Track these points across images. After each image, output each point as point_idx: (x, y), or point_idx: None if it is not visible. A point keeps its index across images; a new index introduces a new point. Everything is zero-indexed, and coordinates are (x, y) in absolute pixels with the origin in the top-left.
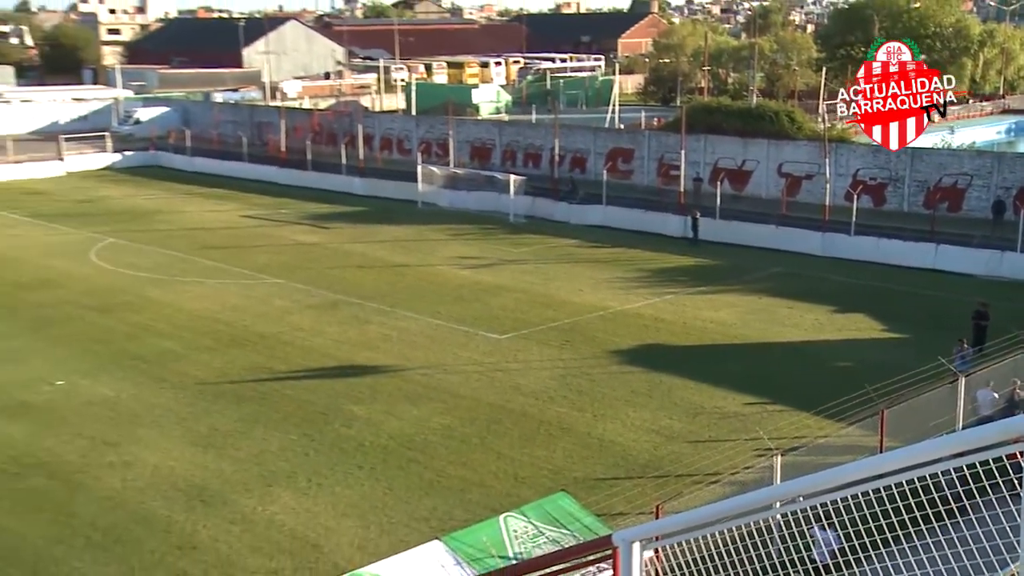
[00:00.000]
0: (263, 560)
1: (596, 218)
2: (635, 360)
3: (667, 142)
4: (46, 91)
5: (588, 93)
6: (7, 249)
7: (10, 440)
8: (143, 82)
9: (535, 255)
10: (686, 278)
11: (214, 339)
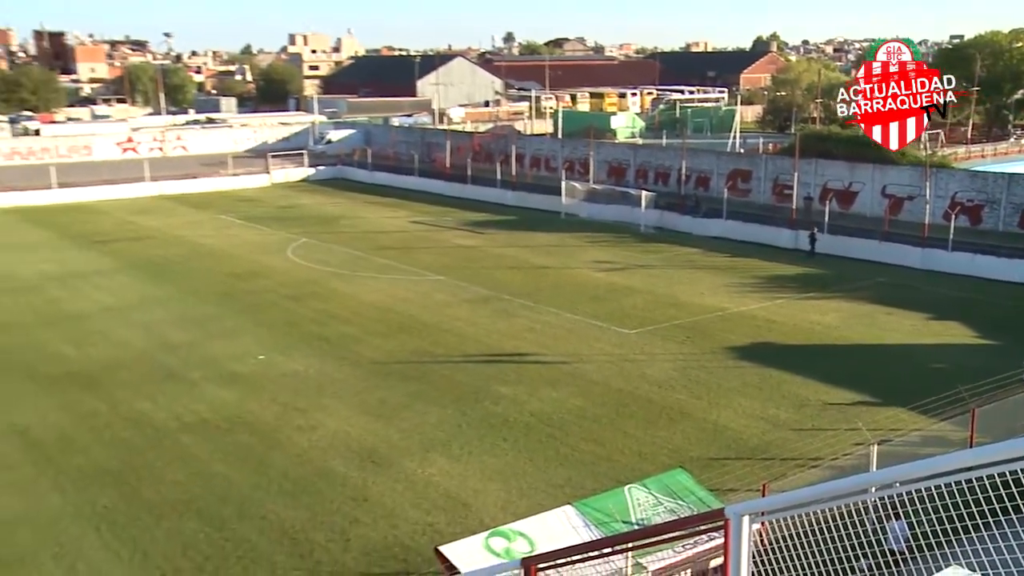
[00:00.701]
0: (421, 514)
1: (717, 230)
2: (748, 356)
3: (781, 165)
4: (259, 117)
5: (713, 121)
6: (225, 246)
7: (223, 402)
8: (335, 109)
9: (662, 261)
10: (795, 285)
11: (385, 326)
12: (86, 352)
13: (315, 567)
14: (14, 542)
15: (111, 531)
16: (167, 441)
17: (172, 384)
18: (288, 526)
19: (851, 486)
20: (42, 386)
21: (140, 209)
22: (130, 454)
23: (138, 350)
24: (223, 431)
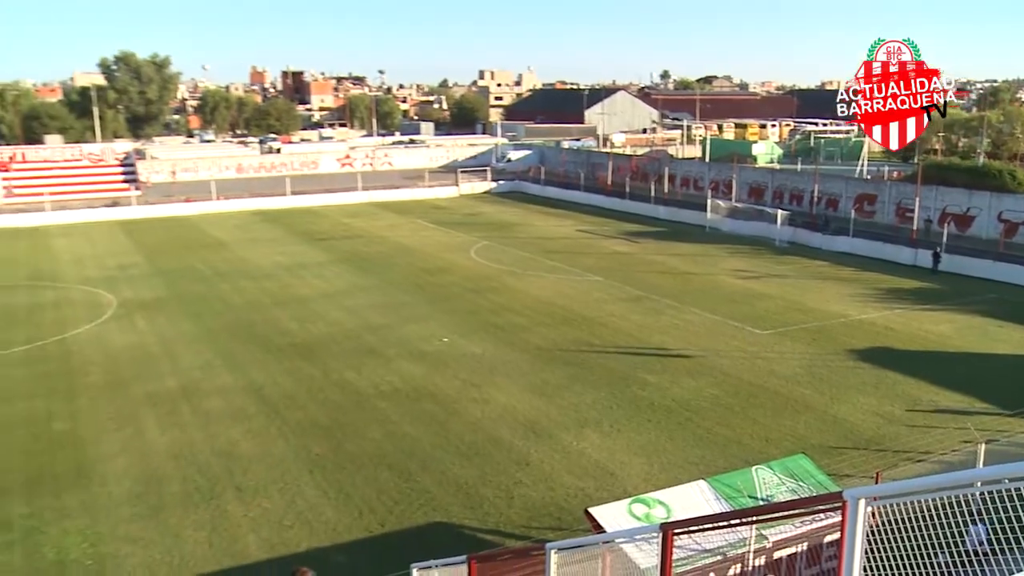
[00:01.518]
0: (574, 479)
1: (844, 247)
2: (867, 358)
3: (904, 190)
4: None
5: (843, 150)
6: (418, 245)
7: (412, 375)
8: (515, 133)
9: (793, 272)
10: (913, 297)
11: (550, 318)
12: (307, 328)
13: (483, 517)
14: (252, 475)
15: (321, 474)
16: (367, 404)
17: (372, 358)
18: (462, 481)
19: (962, 479)
20: (273, 354)
21: (352, 213)
22: (338, 413)
23: (347, 329)
24: (412, 399)
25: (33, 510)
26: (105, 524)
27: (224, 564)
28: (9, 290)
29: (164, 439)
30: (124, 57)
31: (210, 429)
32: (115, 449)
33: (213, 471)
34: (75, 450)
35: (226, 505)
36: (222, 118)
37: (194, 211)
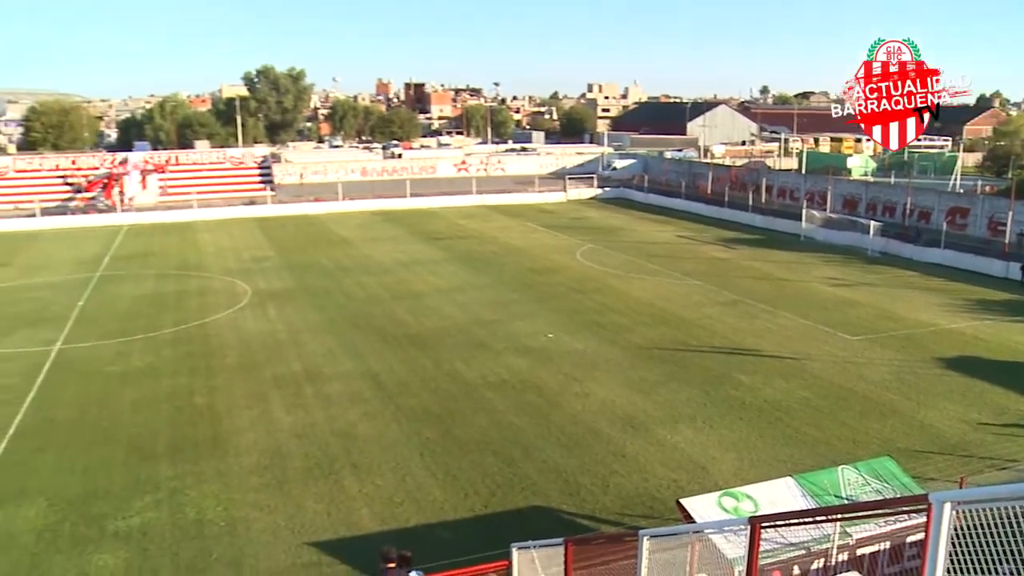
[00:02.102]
0: (667, 471)
1: (935, 258)
2: (955, 366)
3: (997, 204)
4: (560, 147)
5: (936, 165)
6: (527, 246)
7: (519, 368)
8: (620, 143)
9: (885, 281)
10: (1003, 309)
11: (650, 318)
12: (421, 321)
13: (580, 504)
14: (367, 454)
15: (431, 457)
16: (475, 394)
17: (481, 351)
18: (561, 469)
19: None
20: (390, 344)
21: (466, 215)
22: (447, 401)
23: (458, 323)
24: (517, 390)
25: (176, 473)
26: (236, 491)
27: (340, 533)
28: (162, 278)
29: (289, 418)
30: (264, 70)
31: (331, 411)
32: (246, 424)
33: (332, 449)
34: (212, 423)
35: (343, 480)
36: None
37: (322, 210)
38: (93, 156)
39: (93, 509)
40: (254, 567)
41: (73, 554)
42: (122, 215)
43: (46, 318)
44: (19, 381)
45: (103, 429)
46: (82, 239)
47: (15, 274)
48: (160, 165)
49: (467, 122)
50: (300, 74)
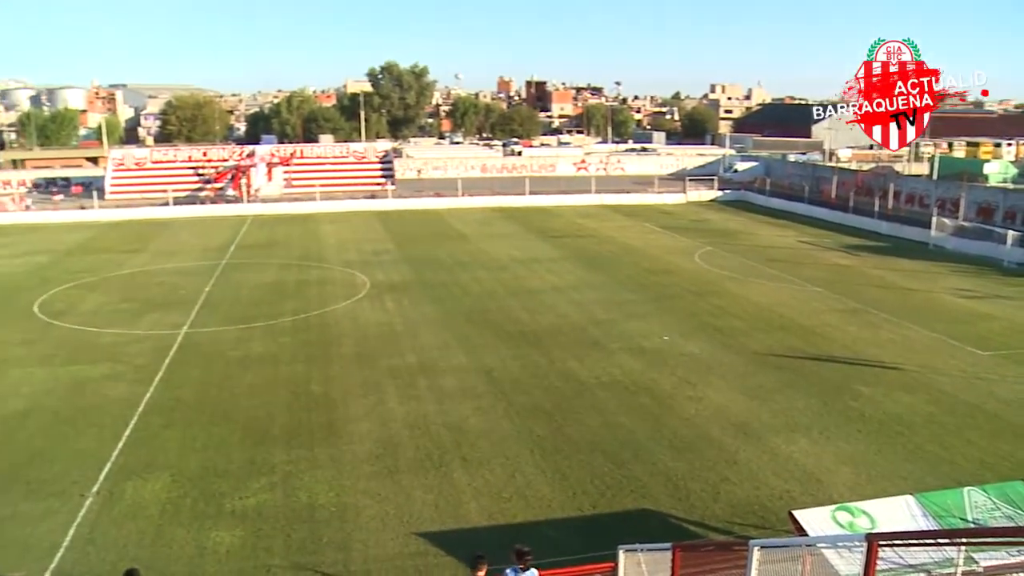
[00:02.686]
0: (780, 482)
1: None
2: None
3: None
4: (681, 148)
5: None
6: (644, 247)
7: (632, 369)
8: (742, 145)
9: (1021, 294)
10: None
11: (768, 324)
12: (536, 319)
13: (689, 509)
14: (477, 449)
15: (541, 454)
16: (587, 393)
17: (595, 350)
18: (671, 473)
19: None
20: (504, 340)
21: (584, 214)
22: (559, 399)
23: (573, 321)
24: (630, 392)
25: (291, 458)
26: (348, 477)
27: (447, 525)
28: (284, 268)
29: (402, 409)
30: (388, 67)
31: (443, 404)
32: (360, 413)
33: (443, 442)
34: (327, 411)
35: (453, 473)
36: (470, 122)
37: (441, 205)
38: (223, 148)
39: (212, 487)
40: (362, 553)
41: (192, 528)
42: (248, 205)
43: (175, 302)
44: (149, 361)
45: (223, 411)
46: (210, 228)
47: (148, 260)
48: (286, 158)
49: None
50: (423, 71)
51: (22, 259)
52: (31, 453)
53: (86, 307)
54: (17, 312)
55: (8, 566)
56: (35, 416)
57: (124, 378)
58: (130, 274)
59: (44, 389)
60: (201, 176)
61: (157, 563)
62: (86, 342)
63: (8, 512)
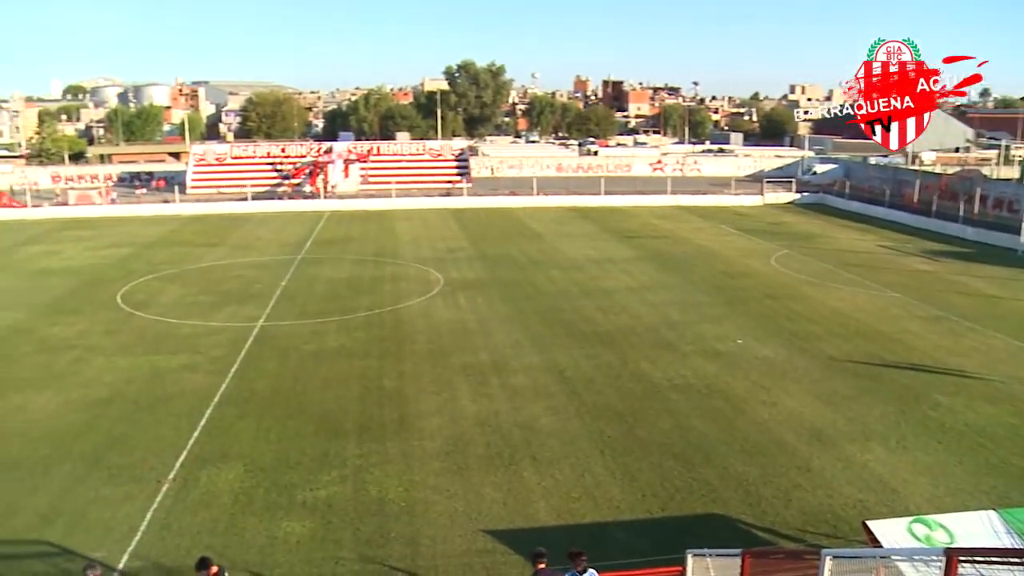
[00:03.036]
0: (854, 491)
1: None
2: None
3: None
4: (759, 150)
5: None
6: (720, 249)
7: (705, 372)
8: (821, 147)
9: None
10: None
11: (845, 329)
12: (610, 319)
13: (760, 515)
14: (548, 448)
15: (611, 455)
16: (659, 395)
17: (668, 352)
18: (743, 478)
19: None
20: (577, 340)
21: (659, 215)
22: (631, 400)
23: (646, 322)
24: (702, 395)
25: (362, 452)
26: (418, 473)
27: (516, 523)
28: (359, 264)
29: (474, 406)
30: (465, 65)
31: (514, 402)
32: (432, 409)
33: (514, 440)
34: (399, 406)
35: (522, 472)
36: (546, 121)
37: (516, 204)
38: (301, 145)
39: (284, 478)
40: (430, 548)
41: (264, 517)
42: (325, 201)
43: (251, 296)
44: (225, 353)
45: (297, 403)
46: (287, 223)
47: (226, 253)
48: (362, 155)
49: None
50: (500, 69)
51: (107, 251)
52: (112, 439)
53: (166, 299)
54: (101, 302)
55: (90, 546)
56: (117, 403)
57: (201, 369)
58: (209, 267)
59: (125, 378)
60: (279, 172)
61: (229, 551)
62: (165, 333)
63: (91, 495)
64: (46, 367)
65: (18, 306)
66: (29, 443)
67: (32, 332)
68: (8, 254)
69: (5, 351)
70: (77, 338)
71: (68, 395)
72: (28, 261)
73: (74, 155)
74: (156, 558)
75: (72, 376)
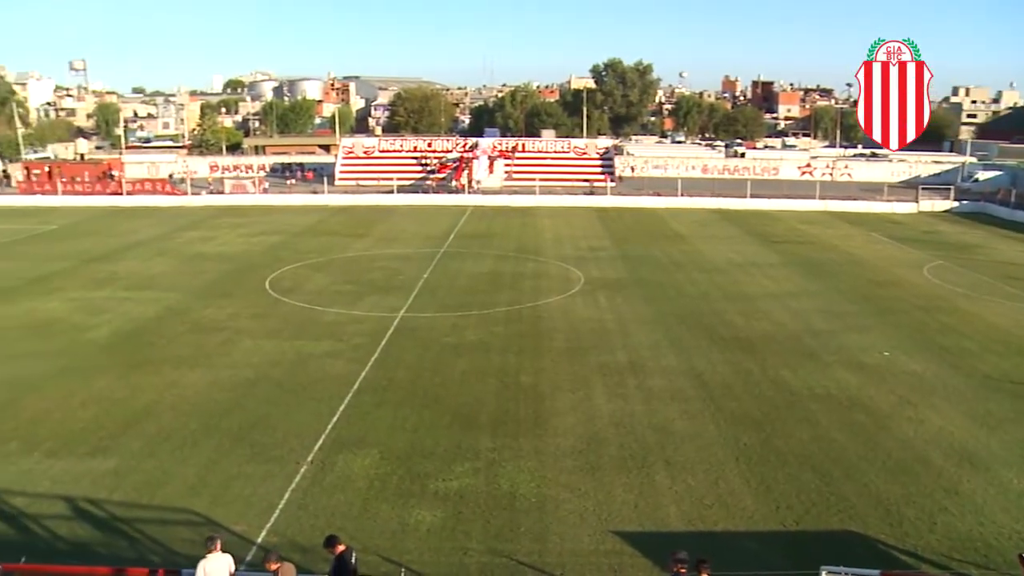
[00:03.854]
0: (1009, 520)
1: None
2: None
3: None
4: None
5: None
6: (869, 257)
7: (847, 384)
8: (985, 152)
9: None
10: None
11: (1004, 346)
12: (751, 324)
13: (902, 537)
14: (681, 452)
15: (746, 463)
16: (798, 405)
17: (809, 361)
18: (884, 497)
19: None
20: (716, 344)
21: (806, 220)
22: (769, 408)
23: (788, 330)
24: (844, 407)
25: (496, 445)
26: (550, 470)
27: (645, 527)
28: (500, 259)
29: (609, 406)
30: (612, 64)
31: (650, 404)
32: (567, 407)
33: (647, 442)
34: (534, 402)
35: (655, 475)
36: (693, 122)
37: (659, 204)
38: (447, 140)
39: (417, 467)
40: (558, 546)
41: (397, 504)
42: (469, 196)
43: (394, 287)
44: (366, 341)
45: (434, 394)
46: (431, 216)
47: (371, 244)
48: (507, 151)
49: (815, 123)
50: (647, 68)
51: (258, 238)
52: (256, 419)
53: (311, 286)
54: (251, 288)
55: (231, 519)
56: (262, 385)
57: (342, 356)
58: (354, 257)
59: (271, 360)
60: (425, 166)
61: (361, 534)
62: (310, 319)
63: (235, 471)
64: (198, 347)
65: (176, 288)
66: (180, 417)
67: (187, 313)
68: (168, 239)
69: (163, 330)
70: (227, 320)
71: (217, 374)
72: (185, 246)
73: (231, 146)
74: (292, 536)
75: (221, 356)
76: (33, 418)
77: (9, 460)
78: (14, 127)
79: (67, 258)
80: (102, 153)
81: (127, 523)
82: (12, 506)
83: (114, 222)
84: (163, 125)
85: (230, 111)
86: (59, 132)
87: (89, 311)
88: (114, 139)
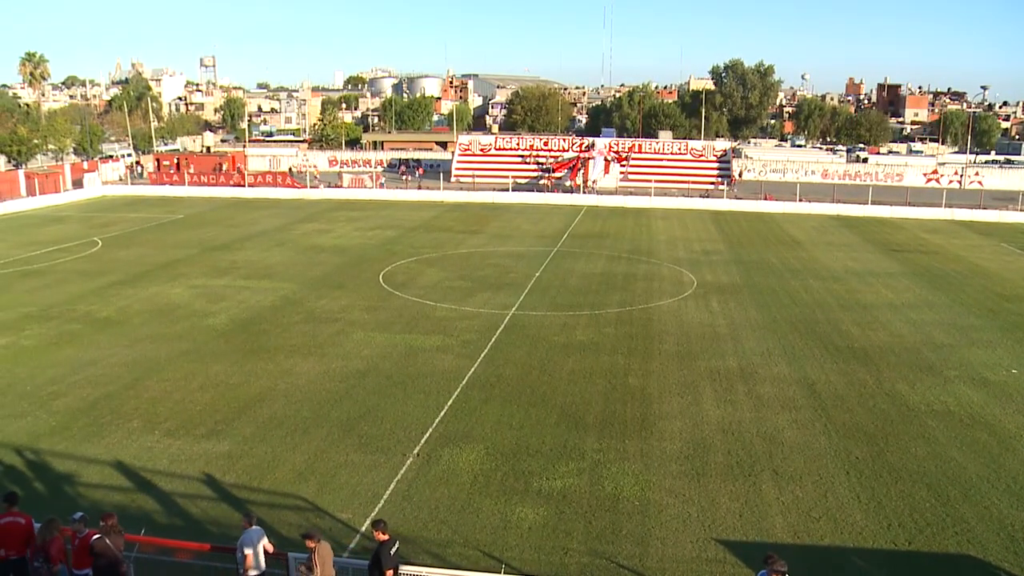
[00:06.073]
0: None
1: None
2: None
3: None
4: None
5: None
6: (998, 270)
7: (969, 400)
8: None
9: None
10: None
11: None
12: (867, 334)
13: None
14: (790, 462)
15: (857, 478)
16: (915, 420)
17: (928, 375)
18: (1007, 521)
19: None
20: (830, 353)
21: (930, 229)
22: (884, 422)
23: (907, 342)
24: (964, 424)
25: (601, 447)
26: (655, 474)
27: (749, 537)
28: (612, 260)
29: (717, 412)
30: (733, 65)
31: (759, 412)
32: (674, 411)
33: (755, 451)
34: (642, 404)
35: (761, 484)
36: (814, 125)
37: (776, 209)
38: (563, 139)
39: (522, 464)
40: (659, 551)
41: (500, 501)
42: (583, 196)
43: (506, 284)
44: (477, 337)
45: (541, 393)
46: (545, 215)
47: (484, 241)
48: (622, 153)
49: (943, 128)
50: (768, 70)
51: (373, 232)
52: (365, 409)
53: (424, 281)
54: (365, 280)
55: (337, 506)
56: (371, 376)
57: (452, 351)
58: (467, 253)
59: (381, 353)
60: (540, 165)
61: (463, 528)
62: (421, 313)
63: (343, 460)
64: (312, 336)
65: (292, 278)
66: (292, 404)
67: (302, 303)
68: (287, 231)
69: (279, 319)
70: (340, 312)
71: (329, 364)
72: (303, 238)
73: (350, 141)
74: (395, 527)
75: (333, 347)
76: (154, 398)
77: (132, 437)
78: (148, 121)
79: (191, 246)
80: (227, 146)
81: (237, 505)
82: (135, 480)
83: (236, 213)
84: (285, 120)
85: (350, 107)
86: (188, 126)
87: (209, 298)
88: (239, 133)
